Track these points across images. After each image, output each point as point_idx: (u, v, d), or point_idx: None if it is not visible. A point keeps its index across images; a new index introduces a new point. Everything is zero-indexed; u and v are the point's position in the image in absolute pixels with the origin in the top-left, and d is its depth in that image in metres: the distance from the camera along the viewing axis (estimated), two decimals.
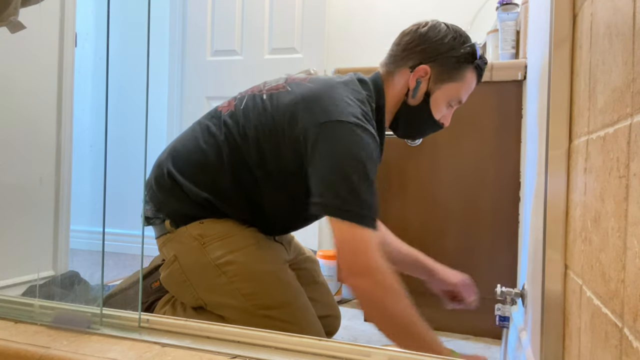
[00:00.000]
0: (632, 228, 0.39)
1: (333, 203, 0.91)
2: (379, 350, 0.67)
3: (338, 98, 0.98)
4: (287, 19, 2.28)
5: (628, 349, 0.38)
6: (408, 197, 1.49)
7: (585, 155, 0.58)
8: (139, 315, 0.77)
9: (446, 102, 1.08)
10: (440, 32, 1.04)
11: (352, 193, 0.90)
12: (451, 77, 1.05)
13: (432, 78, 1.05)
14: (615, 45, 0.46)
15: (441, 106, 1.08)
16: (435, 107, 1.07)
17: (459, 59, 1.04)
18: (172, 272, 1.06)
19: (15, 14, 1.02)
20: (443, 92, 1.06)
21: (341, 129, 0.93)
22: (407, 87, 1.06)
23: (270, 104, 1.03)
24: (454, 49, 1.04)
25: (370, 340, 1.34)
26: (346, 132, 0.93)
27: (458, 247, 1.43)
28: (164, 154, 1.13)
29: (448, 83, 1.05)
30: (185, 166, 1.06)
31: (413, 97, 1.06)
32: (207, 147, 1.05)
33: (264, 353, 0.68)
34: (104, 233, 1.10)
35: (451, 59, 1.04)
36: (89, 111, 2.72)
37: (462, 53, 1.04)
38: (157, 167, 1.11)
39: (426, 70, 1.04)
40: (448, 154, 1.43)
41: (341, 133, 0.93)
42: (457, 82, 1.05)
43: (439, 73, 1.04)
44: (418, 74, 1.04)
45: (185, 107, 2.50)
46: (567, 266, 0.67)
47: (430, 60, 1.04)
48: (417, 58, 1.05)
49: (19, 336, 0.75)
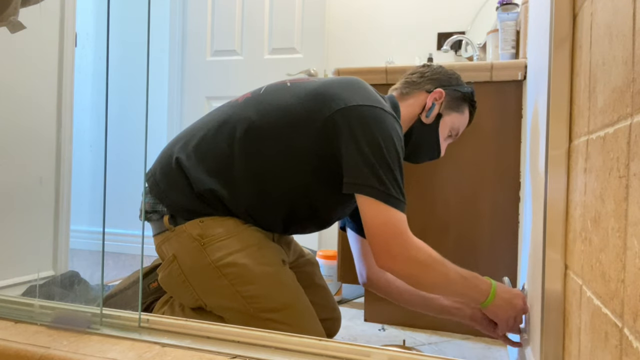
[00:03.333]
0: (632, 228, 0.39)
1: (371, 183, 0.94)
2: (379, 350, 0.67)
3: (369, 90, 1.04)
4: (287, 19, 2.28)
5: (628, 349, 0.38)
6: (408, 197, 1.49)
7: (585, 155, 0.58)
8: (139, 315, 0.77)
9: (449, 129, 1.17)
10: (448, 70, 1.19)
11: (390, 176, 0.94)
12: (458, 107, 1.17)
13: (444, 103, 1.15)
14: (615, 45, 0.46)
15: (446, 132, 1.17)
16: (443, 130, 1.17)
17: (463, 95, 1.17)
18: (171, 272, 1.05)
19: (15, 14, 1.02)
20: (450, 118, 1.16)
21: (380, 115, 0.98)
22: (422, 107, 1.15)
23: (296, 87, 1.06)
24: (460, 85, 1.18)
25: (370, 340, 1.34)
26: (385, 119, 0.98)
27: (458, 247, 1.43)
28: (172, 142, 1.10)
29: (454, 112, 1.16)
30: (195, 152, 1.04)
31: (427, 117, 1.15)
32: (219, 133, 1.03)
33: (264, 353, 0.68)
34: (104, 233, 1.09)
35: (458, 92, 1.17)
36: (89, 111, 2.72)
37: (465, 90, 1.17)
38: (164, 155, 1.09)
39: (442, 94, 1.14)
40: (448, 154, 1.43)
41: (381, 118, 0.97)
42: (460, 114, 1.17)
43: (449, 100, 1.16)
44: (435, 96, 1.14)
45: (185, 107, 2.50)
46: (567, 266, 0.67)
47: (444, 87, 1.16)
48: (434, 84, 1.16)
49: (19, 336, 0.75)
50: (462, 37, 1.94)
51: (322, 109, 0.99)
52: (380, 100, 1.02)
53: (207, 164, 1.02)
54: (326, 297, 1.24)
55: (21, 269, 1.64)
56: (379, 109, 0.98)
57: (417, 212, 1.48)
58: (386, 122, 0.97)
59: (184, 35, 2.49)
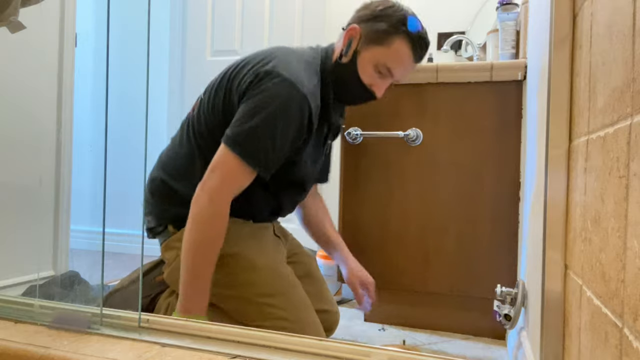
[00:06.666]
0: (632, 228, 0.39)
1: (232, 133, 0.99)
2: (379, 350, 0.67)
3: (282, 57, 1.05)
4: (287, 19, 2.28)
5: (628, 349, 0.38)
6: (408, 197, 1.49)
7: (585, 155, 0.58)
8: (139, 315, 0.77)
9: (373, 65, 1.09)
10: (384, 3, 1.10)
11: (252, 132, 0.97)
12: (379, 40, 1.08)
13: (362, 39, 1.09)
14: (615, 45, 0.46)
15: (367, 68, 1.09)
16: (362, 68, 1.09)
17: (390, 25, 1.07)
18: (173, 269, 1.09)
19: (16, 14, 1.02)
20: (370, 53, 1.09)
21: (277, 80, 0.99)
22: (342, 48, 1.12)
23: (220, 75, 1.12)
24: (387, 15, 1.08)
25: (370, 340, 1.34)
26: (279, 84, 0.99)
27: (458, 247, 1.43)
28: (154, 167, 1.20)
29: (375, 46, 1.08)
30: (174, 170, 1.12)
31: (345, 56, 1.10)
32: (186, 148, 1.12)
33: (264, 353, 0.68)
34: (104, 233, 1.10)
35: (382, 24, 1.08)
36: (89, 111, 2.72)
37: (393, 20, 1.07)
38: (150, 180, 1.17)
39: (355, 29, 1.09)
40: (448, 154, 1.43)
41: (275, 83, 0.99)
42: (384, 47, 1.08)
43: (367, 34, 1.08)
44: (350, 33, 1.10)
45: (186, 107, 2.50)
46: (567, 266, 0.67)
47: (362, 22, 1.10)
48: (353, 20, 1.12)
49: (19, 336, 0.75)
50: (462, 37, 1.94)
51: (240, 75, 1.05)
52: (289, 69, 1.02)
53: (188, 180, 1.09)
54: (322, 288, 1.26)
55: (21, 269, 1.64)
56: (283, 76, 0.99)
57: (417, 212, 1.48)
58: (282, 89, 0.99)
59: (184, 35, 2.49)
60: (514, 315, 1.00)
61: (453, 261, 1.44)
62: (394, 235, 1.49)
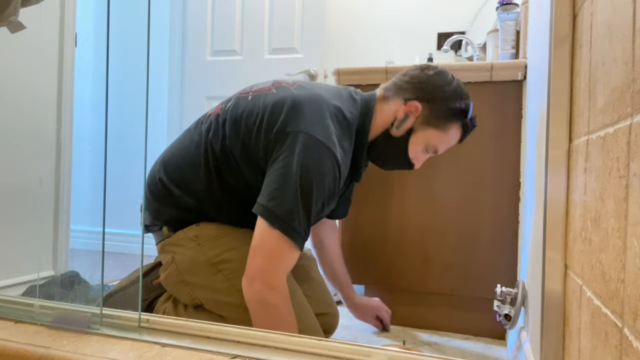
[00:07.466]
0: (632, 228, 0.39)
1: (271, 207, 0.92)
2: (379, 350, 0.67)
3: (318, 113, 0.98)
4: (287, 19, 2.28)
5: (628, 349, 0.38)
6: (408, 197, 1.49)
7: (585, 155, 0.58)
8: (139, 315, 0.77)
9: (423, 146, 1.09)
10: (445, 81, 1.07)
11: (294, 206, 0.91)
12: (437, 124, 1.07)
13: (420, 118, 1.07)
14: (615, 45, 0.46)
15: (417, 147, 1.09)
16: (413, 146, 1.09)
17: (451, 111, 1.06)
18: (169, 274, 1.09)
19: (16, 14, 1.02)
20: (425, 134, 1.08)
21: (310, 143, 0.94)
22: (394, 117, 1.08)
23: (253, 104, 1.04)
24: (450, 99, 1.06)
25: (370, 340, 1.34)
26: (313, 149, 0.93)
27: (458, 247, 1.43)
28: (156, 163, 1.17)
29: (432, 129, 1.07)
30: (175, 173, 1.10)
31: (397, 129, 1.08)
32: (194, 154, 1.08)
33: (264, 353, 0.68)
34: (104, 233, 1.11)
35: (444, 107, 1.06)
36: (89, 111, 2.72)
37: (456, 106, 1.06)
38: (150, 177, 1.16)
39: (417, 107, 1.06)
40: (448, 154, 1.43)
41: (308, 147, 0.93)
42: (440, 132, 1.08)
43: (427, 115, 1.06)
44: (409, 108, 1.06)
45: (185, 107, 2.50)
46: (567, 266, 0.67)
47: (424, 101, 1.06)
48: (414, 93, 1.07)
49: (19, 336, 0.75)
50: (462, 37, 1.94)
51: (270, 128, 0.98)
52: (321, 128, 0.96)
53: (188, 185, 1.08)
54: (322, 292, 1.26)
55: (21, 269, 1.64)
56: (315, 138, 0.94)
57: (417, 212, 1.48)
58: (317, 153, 0.94)
59: (184, 35, 2.49)
60: (514, 315, 1.00)
61: (453, 261, 1.44)
62: (394, 235, 1.49)
